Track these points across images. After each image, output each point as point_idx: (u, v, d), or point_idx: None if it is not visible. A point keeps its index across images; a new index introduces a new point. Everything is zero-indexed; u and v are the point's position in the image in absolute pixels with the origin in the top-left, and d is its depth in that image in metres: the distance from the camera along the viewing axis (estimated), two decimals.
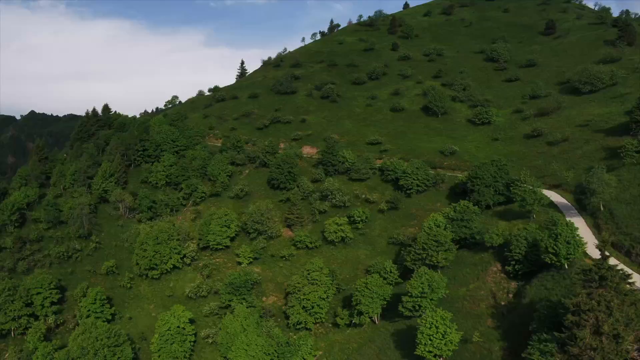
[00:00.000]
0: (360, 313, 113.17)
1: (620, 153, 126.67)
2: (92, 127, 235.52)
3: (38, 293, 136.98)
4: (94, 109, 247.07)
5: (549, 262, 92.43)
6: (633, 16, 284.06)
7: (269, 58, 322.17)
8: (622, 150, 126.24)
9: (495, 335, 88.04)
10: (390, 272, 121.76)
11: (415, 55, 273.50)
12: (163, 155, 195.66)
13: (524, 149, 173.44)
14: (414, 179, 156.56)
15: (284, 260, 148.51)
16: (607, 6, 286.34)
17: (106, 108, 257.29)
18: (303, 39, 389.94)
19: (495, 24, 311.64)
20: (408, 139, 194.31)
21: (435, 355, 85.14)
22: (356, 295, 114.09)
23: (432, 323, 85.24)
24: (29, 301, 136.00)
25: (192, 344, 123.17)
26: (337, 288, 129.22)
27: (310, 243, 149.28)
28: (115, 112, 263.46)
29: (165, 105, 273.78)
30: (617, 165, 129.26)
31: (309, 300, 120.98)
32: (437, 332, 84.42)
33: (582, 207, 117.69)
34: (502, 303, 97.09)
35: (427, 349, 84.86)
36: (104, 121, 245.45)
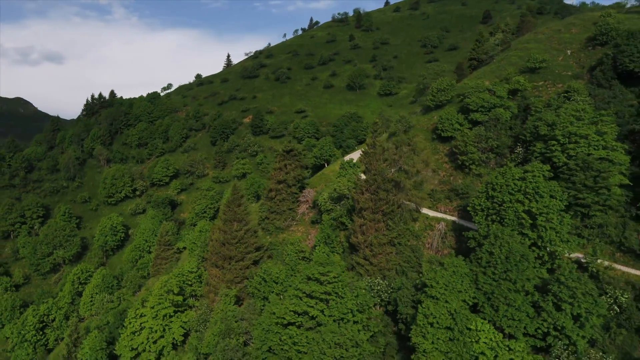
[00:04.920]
0: None
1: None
2: (95, 106, 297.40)
3: (29, 209, 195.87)
4: (100, 93, 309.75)
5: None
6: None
7: (256, 52, 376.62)
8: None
9: None
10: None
11: (366, 44, 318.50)
12: (138, 124, 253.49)
13: (405, 110, 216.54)
14: (305, 133, 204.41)
15: (206, 191, 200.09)
16: None
17: (112, 93, 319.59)
18: (284, 35, 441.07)
19: (448, 16, 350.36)
20: (326, 108, 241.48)
21: None
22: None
23: None
24: (23, 213, 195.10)
25: (122, 238, 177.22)
26: None
27: (222, 178, 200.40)
28: (121, 97, 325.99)
29: (161, 90, 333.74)
30: None
31: (199, 206, 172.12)
32: None
33: None
34: None
35: None
36: (108, 102, 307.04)
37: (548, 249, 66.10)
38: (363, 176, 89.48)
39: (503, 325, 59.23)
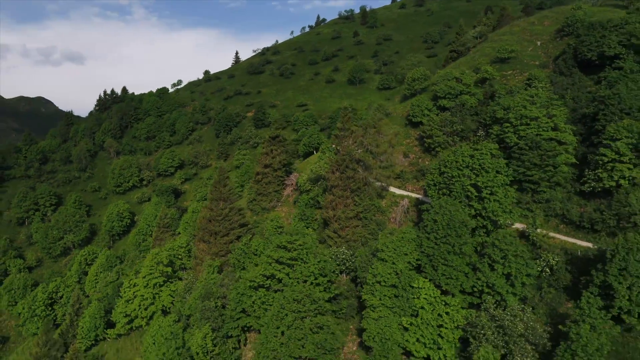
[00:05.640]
0: None
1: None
2: (107, 102, 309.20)
3: (42, 197, 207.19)
4: (112, 89, 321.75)
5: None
6: None
7: (263, 49, 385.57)
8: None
9: None
10: None
11: (370, 40, 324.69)
12: (147, 118, 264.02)
13: (397, 102, 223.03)
14: (303, 125, 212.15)
15: (207, 180, 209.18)
16: None
17: (124, 89, 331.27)
18: (292, 32, 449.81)
19: (453, 12, 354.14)
20: (326, 102, 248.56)
21: None
22: None
23: None
24: (36, 201, 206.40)
25: (127, 224, 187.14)
26: None
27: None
28: (133, 92, 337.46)
29: (171, 86, 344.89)
30: None
31: (200, 194, 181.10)
32: None
33: None
34: None
35: None
36: (119, 98, 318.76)
37: (492, 219, 72.90)
38: None
39: (441, 283, 66.34)
